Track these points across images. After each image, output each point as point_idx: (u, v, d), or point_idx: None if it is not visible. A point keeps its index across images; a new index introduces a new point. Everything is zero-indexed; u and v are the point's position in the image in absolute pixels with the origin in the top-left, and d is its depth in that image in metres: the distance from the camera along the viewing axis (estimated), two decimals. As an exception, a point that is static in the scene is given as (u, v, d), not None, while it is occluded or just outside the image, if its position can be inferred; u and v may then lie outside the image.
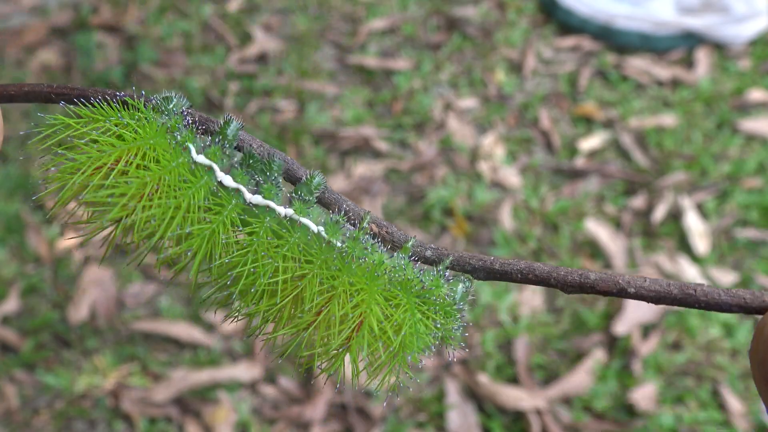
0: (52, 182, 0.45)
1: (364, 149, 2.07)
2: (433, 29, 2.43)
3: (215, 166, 0.45)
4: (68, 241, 1.81)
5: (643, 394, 1.55)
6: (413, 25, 2.42)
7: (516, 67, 2.30)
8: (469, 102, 2.20)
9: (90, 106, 0.46)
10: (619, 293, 0.46)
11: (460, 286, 0.46)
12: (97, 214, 0.45)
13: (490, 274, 0.46)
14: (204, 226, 0.43)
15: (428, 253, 0.47)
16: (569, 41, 2.37)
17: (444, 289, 0.45)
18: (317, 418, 1.54)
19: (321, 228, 0.45)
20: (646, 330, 1.66)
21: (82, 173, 0.43)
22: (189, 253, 0.43)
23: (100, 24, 2.40)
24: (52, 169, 0.45)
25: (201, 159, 0.45)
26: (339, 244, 0.44)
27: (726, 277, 1.74)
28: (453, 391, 1.57)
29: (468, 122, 2.14)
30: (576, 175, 1.99)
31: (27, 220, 1.86)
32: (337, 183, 1.97)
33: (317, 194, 0.46)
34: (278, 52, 2.34)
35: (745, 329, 1.65)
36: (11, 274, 1.76)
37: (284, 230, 0.44)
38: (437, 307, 0.44)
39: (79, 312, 1.69)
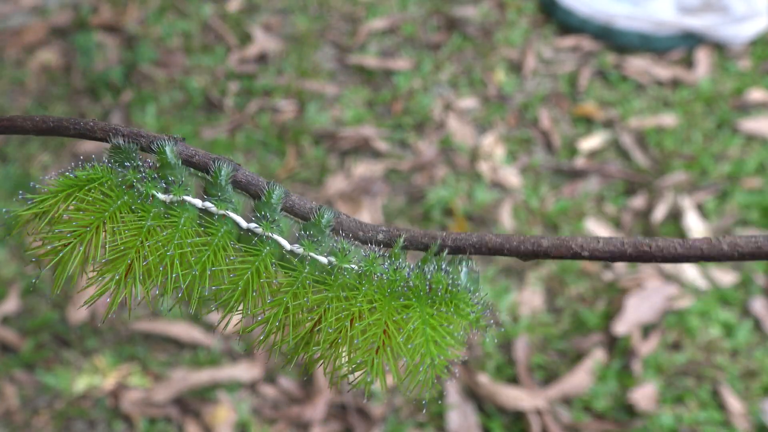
0: (49, 258, 0.48)
1: (364, 149, 2.07)
2: (433, 29, 2.43)
3: (280, 240, 0.47)
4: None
5: (643, 394, 1.55)
6: (413, 25, 2.42)
7: (516, 67, 2.30)
8: (469, 102, 2.20)
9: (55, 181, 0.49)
10: (574, 257, 0.46)
11: (462, 270, 0.46)
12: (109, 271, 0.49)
13: (443, 249, 0.47)
14: (242, 271, 0.46)
15: (380, 236, 0.47)
16: (569, 41, 2.37)
17: (446, 280, 0.45)
18: (317, 418, 1.54)
19: (331, 258, 0.46)
20: (646, 330, 1.66)
21: (75, 249, 0.48)
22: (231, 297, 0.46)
23: (100, 24, 2.40)
24: (48, 246, 0.49)
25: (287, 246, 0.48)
26: (353, 266, 0.46)
27: (726, 277, 1.74)
28: (453, 391, 1.57)
29: (468, 122, 2.14)
30: (576, 175, 1.99)
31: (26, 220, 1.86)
32: (337, 183, 1.97)
33: (329, 230, 0.47)
34: (278, 52, 2.34)
35: (745, 329, 1.65)
36: (11, 274, 1.76)
37: (296, 264, 0.46)
38: (450, 308, 0.45)
39: (79, 312, 1.69)
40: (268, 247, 0.46)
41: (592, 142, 2.06)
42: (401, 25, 2.42)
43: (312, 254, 0.46)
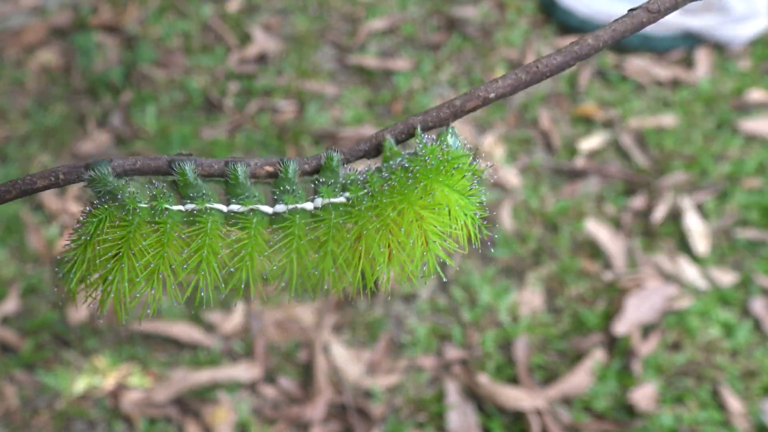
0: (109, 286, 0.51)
1: (364, 149, 2.07)
2: (433, 29, 2.43)
3: (305, 206, 0.52)
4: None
5: (643, 394, 1.55)
6: (413, 25, 2.42)
7: (516, 67, 2.30)
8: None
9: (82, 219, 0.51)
10: (485, 102, 0.51)
11: (449, 137, 0.52)
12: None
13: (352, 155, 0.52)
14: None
15: (306, 166, 0.52)
16: (569, 41, 2.37)
17: (438, 148, 0.50)
18: (317, 418, 1.54)
19: (346, 194, 0.51)
20: (646, 330, 1.66)
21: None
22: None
23: (100, 24, 2.40)
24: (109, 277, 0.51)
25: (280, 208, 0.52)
26: (366, 190, 0.50)
27: (726, 277, 1.74)
28: (453, 391, 1.57)
29: (468, 122, 2.14)
30: (576, 175, 1.99)
31: (27, 220, 1.86)
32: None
33: (340, 168, 0.52)
34: (278, 53, 2.34)
35: (745, 329, 1.65)
36: (11, 274, 1.76)
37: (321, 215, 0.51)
38: (452, 169, 0.49)
39: (79, 312, 1.69)
40: (298, 216, 0.51)
41: (592, 142, 2.06)
42: (401, 25, 2.42)
43: (332, 200, 0.50)
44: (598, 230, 1.84)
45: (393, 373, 1.62)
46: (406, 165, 0.49)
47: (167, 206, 0.50)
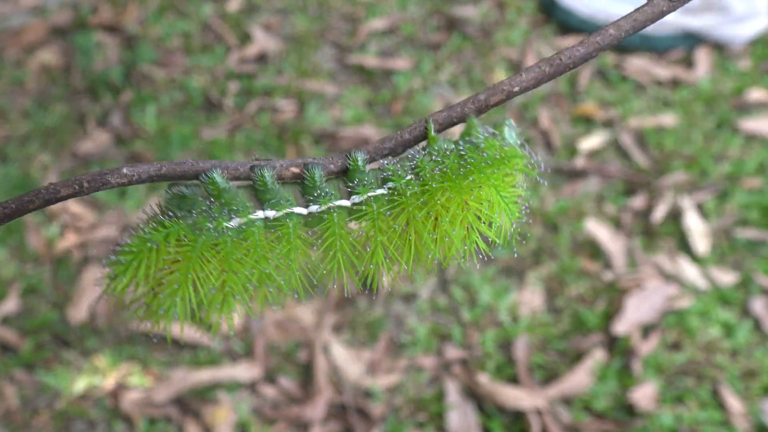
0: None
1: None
2: (433, 29, 2.43)
3: (342, 203, 0.52)
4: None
5: (643, 394, 1.55)
6: (413, 25, 2.42)
7: (516, 67, 2.30)
8: (469, 102, 2.19)
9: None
10: (509, 96, 0.51)
11: (506, 129, 0.52)
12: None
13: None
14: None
15: (332, 167, 0.51)
16: (569, 41, 2.37)
17: (498, 143, 0.51)
18: (317, 418, 1.54)
19: (388, 184, 0.51)
20: (646, 330, 1.66)
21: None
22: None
23: (100, 24, 2.40)
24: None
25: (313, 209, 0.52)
26: (409, 177, 0.51)
27: (726, 277, 1.74)
28: (453, 391, 1.57)
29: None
30: (576, 175, 1.99)
31: (27, 220, 1.86)
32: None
33: (367, 166, 0.52)
34: (278, 52, 2.34)
35: (745, 329, 1.65)
36: (11, 274, 1.76)
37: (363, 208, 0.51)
38: (505, 166, 0.50)
39: (79, 312, 1.69)
40: (335, 214, 0.51)
41: (592, 142, 2.06)
42: (401, 25, 2.42)
43: (371, 194, 0.51)
44: (598, 230, 1.84)
45: (393, 373, 1.62)
46: (463, 153, 0.50)
47: (225, 225, 0.49)
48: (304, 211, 0.51)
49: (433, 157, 0.51)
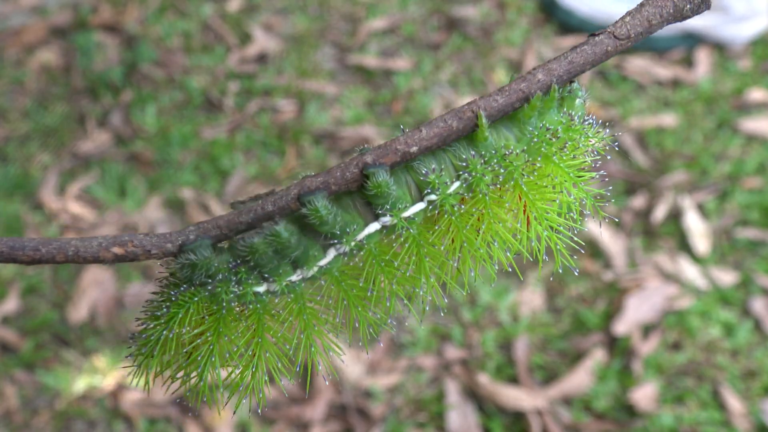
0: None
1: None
2: (433, 29, 2.43)
3: (415, 208, 0.47)
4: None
5: (643, 394, 1.55)
6: (413, 25, 2.42)
7: (516, 67, 2.30)
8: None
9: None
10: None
11: (577, 100, 0.47)
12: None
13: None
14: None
15: (335, 187, 0.46)
16: (569, 41, 2.37)
17: (565, 118, 0.46)
18: (317, 418, 1.54)
19: (464, 175, 0.46)
20: (646, 330, 1.66)
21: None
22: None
23: (100, 24, 2.40)
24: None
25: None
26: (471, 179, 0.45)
27: (726, 277, 1.74)
28: (453, 391, 1.57)
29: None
30: (576, 175, 1.99)
31: (27, 220, 1.86)
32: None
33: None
34: (278, 52, 2.34)
35: (745, 329, 1.65)
36: (11, 274, 1.76)
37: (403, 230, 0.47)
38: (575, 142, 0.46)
39: (79, 312, 1.69)
40: (415, 228, 0.46)
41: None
42: (401, 25, 2.42)
43: (450, 191, 0.46)
44: (598, 229, 1.84)
45: (393, 373, 1.62)
46: (533, 144, 0.45)
47: (254, 290, 0.45)
48: (376, 225, 0.46)
49: (491, 161, 0.45)
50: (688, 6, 0.45)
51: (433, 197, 0.45)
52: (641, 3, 0.44)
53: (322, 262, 0.46)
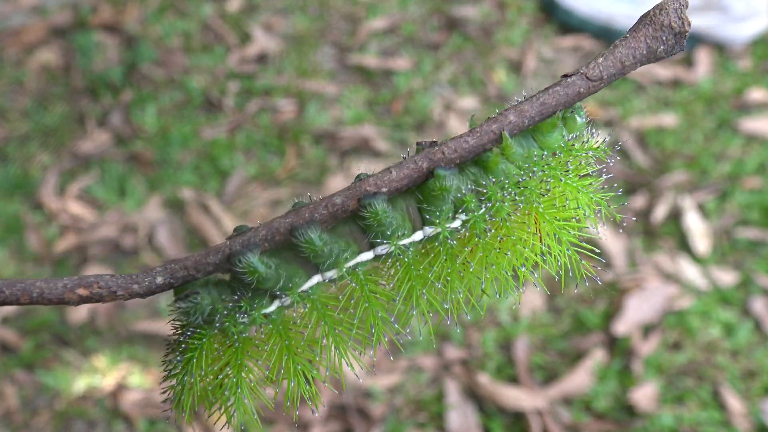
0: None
1: (364, 149, 2.07)
2: (433, 29, 2.42)
3: (456, 224, 0.48)
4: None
5: (644, 394, 1.55)
6: (413, 25, 2.42)
7: (516, 67, 2.30)
8: (469, 102, 2.19)
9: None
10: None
11: (578, 120, 0.47)
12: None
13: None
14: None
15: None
16: (569, 41, 2.37)
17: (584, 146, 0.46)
18: (317, 418, 1.54)
19: (487, 205, 0.47)
20: (647, 330, 1.66)
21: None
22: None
23: (100, 24, 2.40)
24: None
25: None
26: (483, 208, 0.46)
27: (726, 277, 1.73)
28: (453, 392, 1.57)
29: (468, 122, 2.14)
30: (576, 175, 1.99)
31: (26, 220, 1.86)
32: (337, 183, 1.97)
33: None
34: (278, 52, 2.34)
35: (745, 329, 1.65)
36: (11, 274, 1.76)
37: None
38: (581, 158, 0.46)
39: (79, 312, 1.69)
40: (448, 239, 0.47)
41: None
42: (401, 25, 2.41)
43: (505, 196, 0.46)
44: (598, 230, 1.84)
45: (393, 373, 1.62)
46: (545, 167, 0.45)
47: (264, 312, 0.46)
48: (418, 236, 0.47)
49: (508, 189, 0.45)
50: (662, 47, 0.45)
51: (464, 217, 0.46)
52: (614, 44, 0.44)
53: (350, 263, 0.47)
